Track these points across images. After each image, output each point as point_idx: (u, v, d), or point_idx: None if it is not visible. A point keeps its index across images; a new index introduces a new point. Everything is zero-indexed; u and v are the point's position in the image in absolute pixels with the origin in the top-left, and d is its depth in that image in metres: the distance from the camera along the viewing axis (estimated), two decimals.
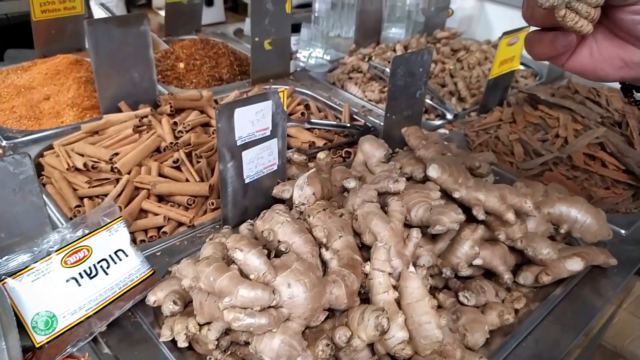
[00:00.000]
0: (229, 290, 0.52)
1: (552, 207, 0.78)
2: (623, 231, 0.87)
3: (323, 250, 0.61)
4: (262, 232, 0.61)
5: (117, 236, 0.68)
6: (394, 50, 1.48)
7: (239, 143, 0.75)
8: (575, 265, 0.74)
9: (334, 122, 1.11)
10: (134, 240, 0.77)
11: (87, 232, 0.66)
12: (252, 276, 0.54)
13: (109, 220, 0.69)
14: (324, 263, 0.62)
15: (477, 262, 0.71)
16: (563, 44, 0.47)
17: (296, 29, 1.33)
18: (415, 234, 0.64)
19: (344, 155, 1.03)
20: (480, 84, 1.35)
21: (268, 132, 0.78)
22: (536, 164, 1.05)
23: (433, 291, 0.70)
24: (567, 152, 1.06)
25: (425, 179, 0.77)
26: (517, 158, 1.07)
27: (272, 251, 0.61)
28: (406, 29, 1.74)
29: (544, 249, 0.71)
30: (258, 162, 0.80)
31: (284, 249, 0.59)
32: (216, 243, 0.63)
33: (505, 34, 1.12)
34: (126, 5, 2.07)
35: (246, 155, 0.77)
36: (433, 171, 0.74)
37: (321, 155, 0.77)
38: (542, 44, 0.48)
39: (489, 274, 0.74)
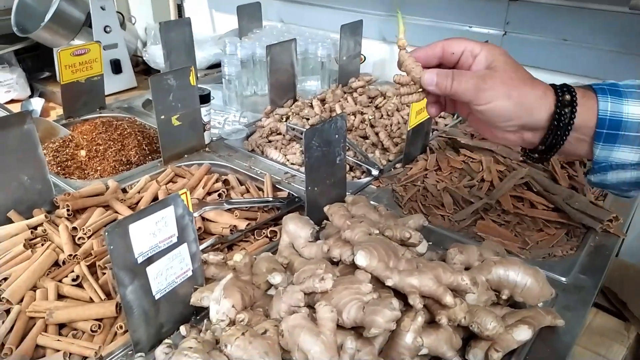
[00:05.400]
0: None
1: (490, 272, 0.74)
2: (563, 279, 0.85)
3: None
4: None
5: None
6: (311, 106, 1.43)
7: (140, 260, 0.65)
8: (523, 334, 0.69)
9: (255, 199, 1.04)
10: None
11: None
12: None
13: None
14: None
15: (423, 351, 0.66)
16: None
17: (206, 99, 1.25)
18: (350, 344, 0.57)
19: (269, 235, 0.95)
20: (402, 131, 1.33)
21: (175, 239, 0.70)
22: (467, 214, 1.02)
23: None
24: (495, 197, 1.04)
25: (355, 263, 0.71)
26: (448, 210, 1.04)
27: None
28: (321, 79, 1.72)
29: (488, 323, 0.67)
30: (168, 273, 0.70)
31: None
32: None
33: None
34: (28, 80, 1.94)
35: (152, 270, 0.67)
36: (361, 259, 0.67)
37: (237, 257, 0.69)
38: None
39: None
